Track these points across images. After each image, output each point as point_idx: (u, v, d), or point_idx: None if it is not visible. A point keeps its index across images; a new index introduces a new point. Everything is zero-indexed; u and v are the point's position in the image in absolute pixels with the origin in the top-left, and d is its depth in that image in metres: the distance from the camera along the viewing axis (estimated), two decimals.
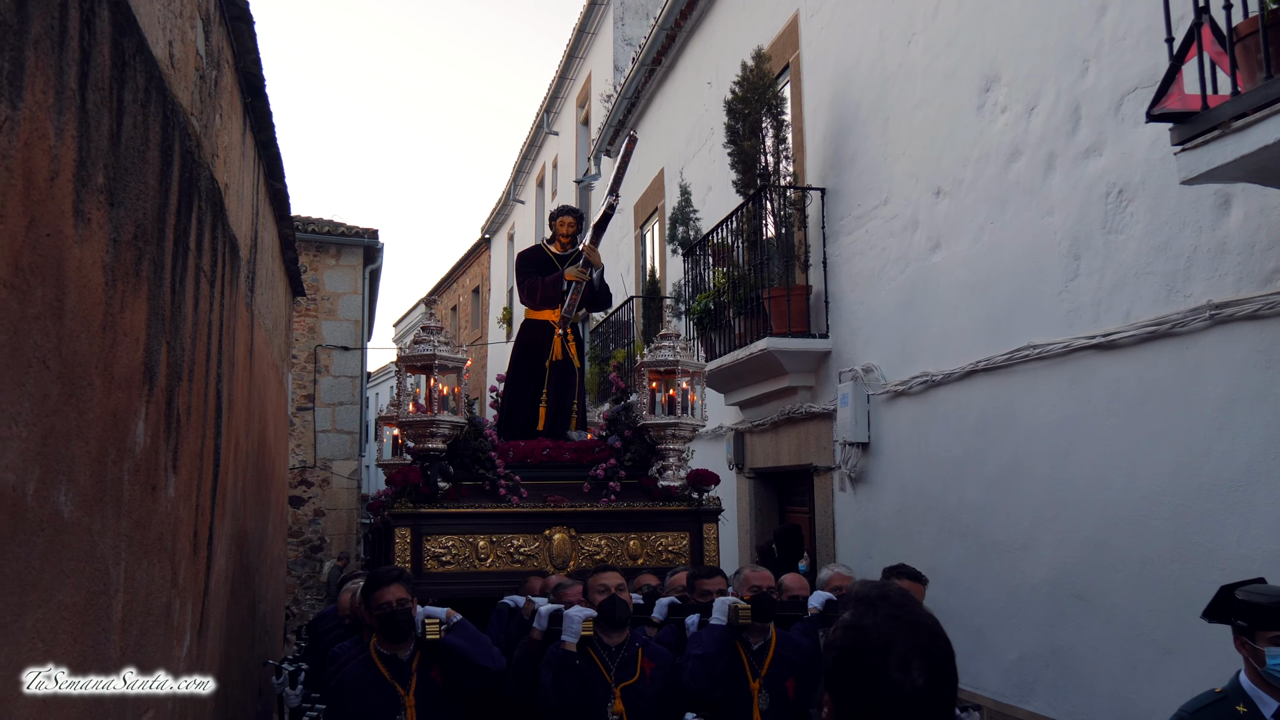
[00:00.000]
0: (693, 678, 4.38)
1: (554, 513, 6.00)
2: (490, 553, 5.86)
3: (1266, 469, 4.02)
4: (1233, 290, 4.19)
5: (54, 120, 2.06)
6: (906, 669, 1.50)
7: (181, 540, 3.66)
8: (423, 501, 5.75)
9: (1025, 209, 5.56)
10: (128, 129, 2.61)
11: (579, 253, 7.12)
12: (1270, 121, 3.35)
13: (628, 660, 4.45)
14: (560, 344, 7.04)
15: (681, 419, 6.22)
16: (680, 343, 6.39)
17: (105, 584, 2.59)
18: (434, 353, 5.73)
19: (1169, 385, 4.52)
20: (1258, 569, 4.04)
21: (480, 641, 4.33)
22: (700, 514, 6.22)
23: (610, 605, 4.45)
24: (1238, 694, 3.15)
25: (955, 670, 1.54)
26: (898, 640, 1.52)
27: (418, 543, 5.73)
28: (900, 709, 1.50)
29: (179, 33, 3.90)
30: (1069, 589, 5.11)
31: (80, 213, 2.25)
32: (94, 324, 2.38)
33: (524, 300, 7.22)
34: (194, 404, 3.79)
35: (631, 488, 6.28)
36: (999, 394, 5.76)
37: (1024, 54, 5.60)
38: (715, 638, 4.41)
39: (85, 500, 2.37)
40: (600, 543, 6.06)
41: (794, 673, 4.57)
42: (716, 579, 4.99)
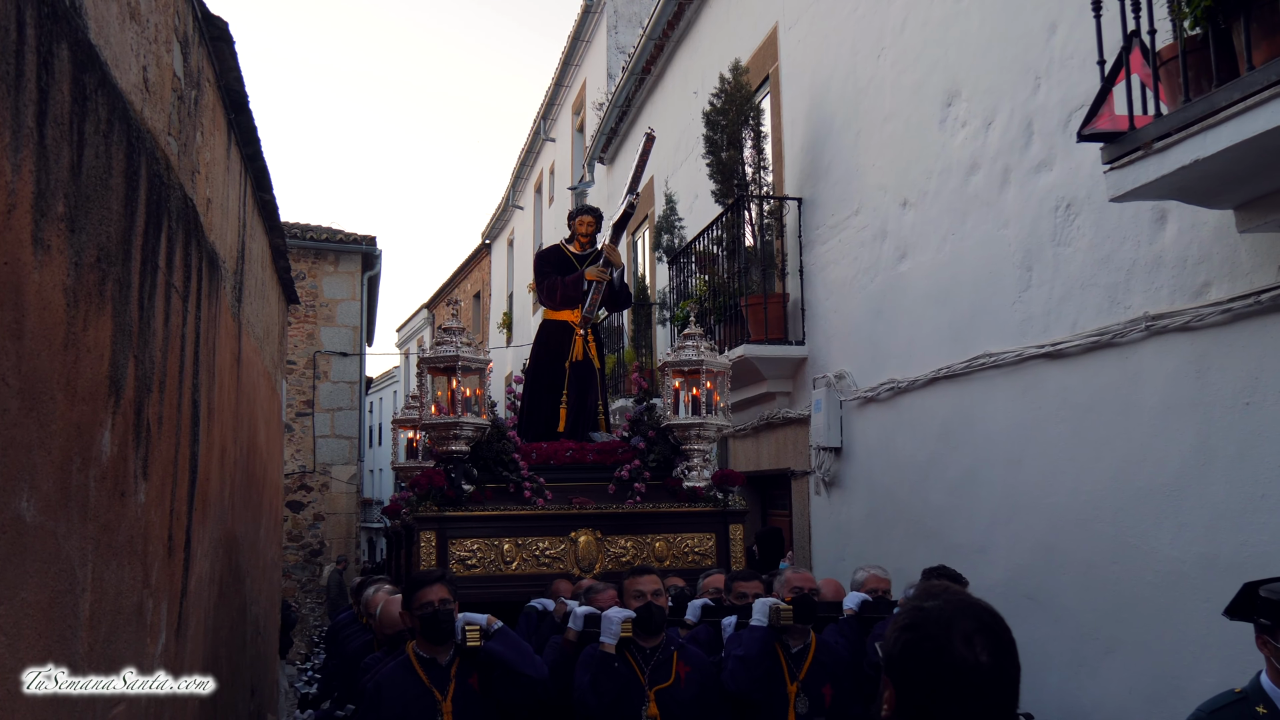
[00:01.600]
0: (733, 678, 4.35)
1: (579, 515, 5.96)
2: (515, 556, 5.84)
3: (1196, 475, 4.18)
4: (1167, 302, 4.36)
5: (10, 158, 2.24)
6: (970, 644, 1.49)
7: (154, 543, 3.83)
8: (447, 505, 5.72)
9: (983, 221, 5.73)
10: (89, 159, 2.79)
11: (598, 252, 7.10)
12: (1188, 143, 3.51)
13: (663, 663, 4.42)
14: (581, 344, 7.01)
15: (706, 419, 6.17)
16: (705, 343, 6.32)
17: (71, 583, 2.76)
18: (457, 354, 5.69)
19: (1111, 394, 4.69)
20: (1189, 571, 4.21)
21: (523, 649, 4.26)
22: (726, 515, 6.19)
23: (647, 612, 4.41)
24: (1258, 694, 3.06)
25: (1018, 658, 1.52)
26: (959, 618, 1.52)
27: (443, 546, 5.70)
28: (964, 685, 1.48)
29: (154, 58, 4.08)
30: (1021, 590, 5.27)
31: (39, 240, 2.42)
32: (55, 342, 2.56)
33: (543, 300, 7.19)
34: (166, 414, 3.96)
35: (656, 489, 6.25)
36: (959, 401, 5.93)
37: (982, 70, 5.77)
38: (757, 639, 4.37)
39: (48, 505, 2.55)
40: (626, 545, 6.03)
41: (831, 679, 4.55)
42: (754, 582, 4.98)
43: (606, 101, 14.98)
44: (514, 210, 23.99)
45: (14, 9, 2.26)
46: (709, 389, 6.20)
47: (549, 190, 20.87)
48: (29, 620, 2.44)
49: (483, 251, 27.33)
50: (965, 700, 1.49)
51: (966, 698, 1.48)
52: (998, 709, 1.51)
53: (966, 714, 1.49)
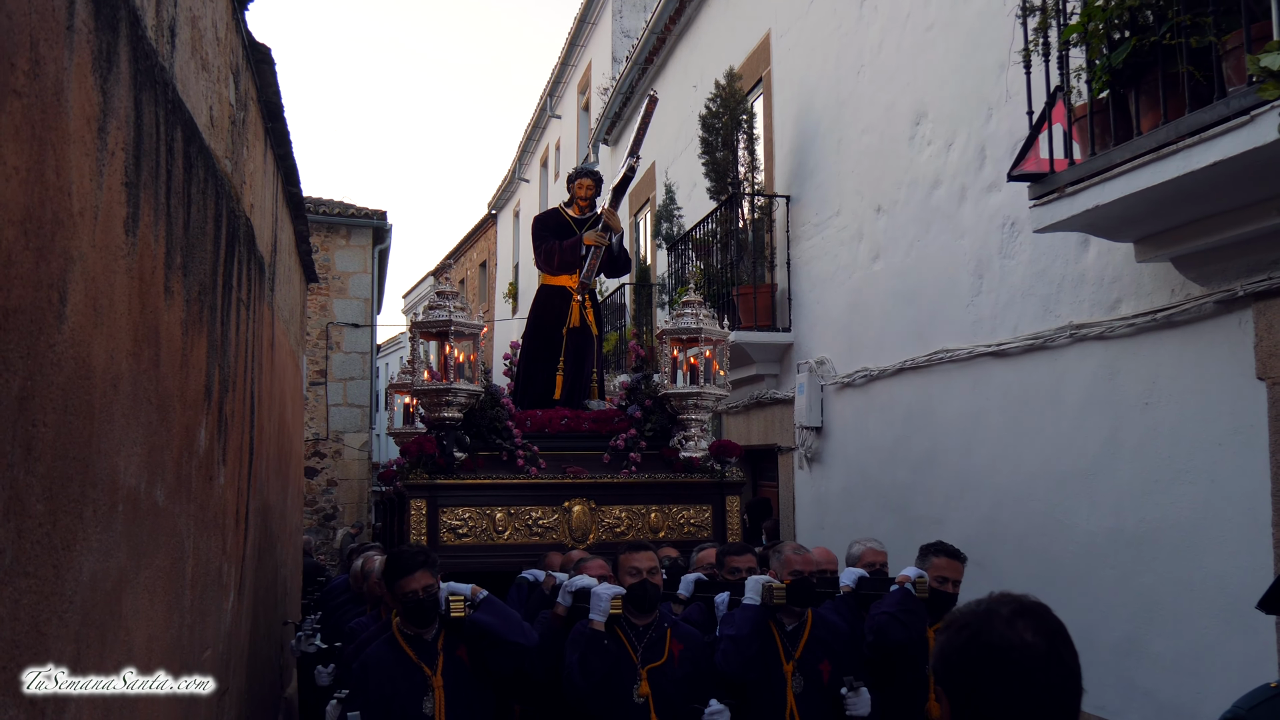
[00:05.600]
0: (725, 659, 4.25)
1: (573, 484, 5.85)
2: (508, 525, 5.74)
3: (1107, 462, 4.92)
4: (1088, 314, 5.07)
5: (153, 230, 2.96)
6: (1011, 625, 1.44)
7: (228, 517, 4.59)
8: (438, 472, 5.62)
9: (943, 232, 6.42)
10: (195, 216, 3.51)
11: (597, 216, 6.91)
12: (1091, 190, 4.20)
13: (656, 641, 4.32)
14: (578, 310, 6.86)
15: (704, 388, 5.95)
16: (704, 310, 6.10)
17: (182, 552, 3.51)
18: (449, 319, 5.55)
19: (1042, 390, 5.42)
20: (1100, 543, 4.96)
21: (510, 617, 4.18)
22: (723, 486, 6.08)
23: (640, 590, 4.30)
24: None
25: (1072, 643, 1.47)
26: (999, 606, 1.49)
27: (433, 515, 5.61)
28: (1011, 668, 1.41)
29: (217, 96, 4.77)
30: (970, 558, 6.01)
31: (168, 289, 3.15)
32: (175, 365, 3.29)
33: (540, 265, 7.03)
34: (236, 408, 4.71)
35: (652, 459, 6.11)
36: (921, 390, 6.66)
37: (946, 97, 6.44)
38: (749, 618, 4.26)
39: (170, 492, 3.29)
40: (620, 515, 5.92)
41: (829, 655, 4.45)
42: (747, 556, 4.90)
43: (611, 87, 15.59)
44: (520, 182, 24.55)
45: (153, 113, 2.96)
46: (708, 358, 6.01)
47: (554, 165, 21.46)
48: (160, 581, 3.19)
49: (489, 222, 27.89)
50: (1011, 682, 1.41)
51: (1012, 679, 1.40)
52: (1055, 696, 1.43)
53: (1018, 701, 1.41)
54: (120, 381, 2.60)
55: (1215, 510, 4.29)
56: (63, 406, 2.13)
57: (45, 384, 2.01)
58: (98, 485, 2.42)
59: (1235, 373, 4.16)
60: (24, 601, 1.91)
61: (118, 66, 2.51)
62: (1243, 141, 3.42)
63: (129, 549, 2.74)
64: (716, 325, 6.15)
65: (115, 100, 2.48)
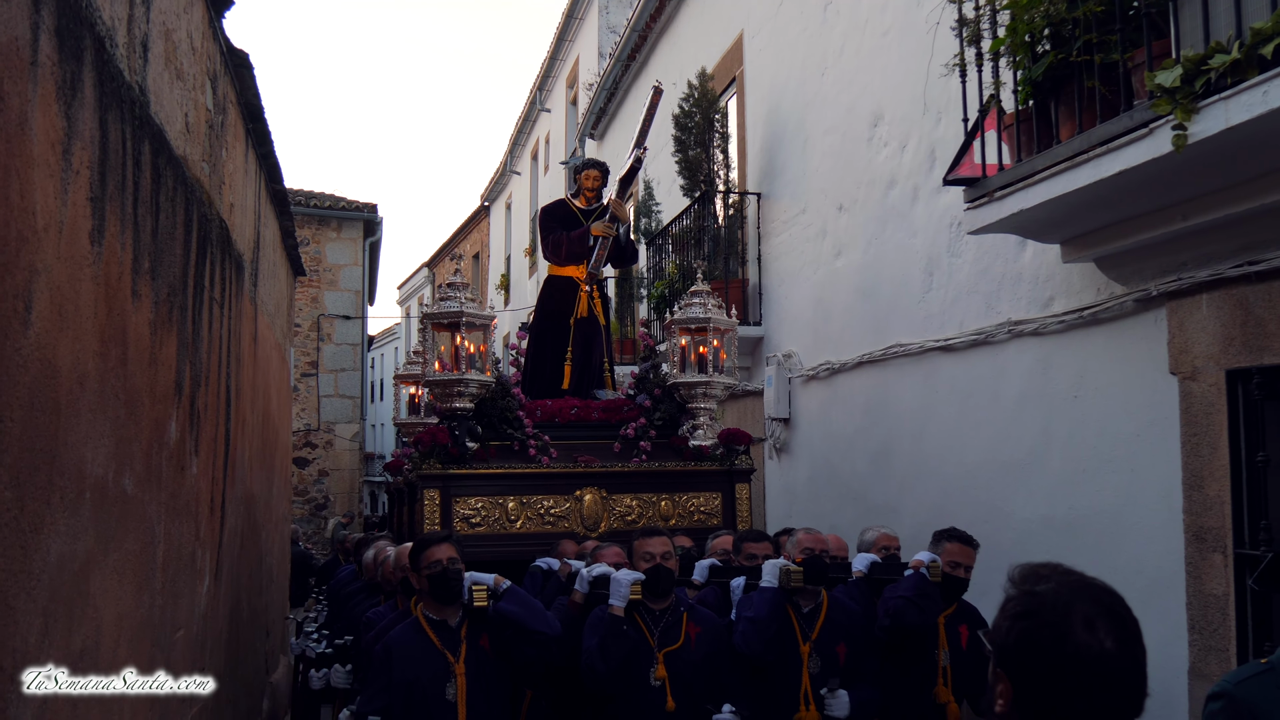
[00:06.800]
0: (744, 640, 4.33)
1: (584, 473, 5.93)
2: (520, 514, 5.81)
3: (1041, 452, 5.17)
4: (1025, 311, 5.32)
5: (119, 239, 3.19)
6: (1092, 629, 1.39)
7: (201, 505, 4.83)
8: (451, 462, 5.67)
9: (898, 230, 6.66)
10: (163, 223, 3.74)
11: (604, 207, 7.05)
12: (1017, 195, 4.44)
13: (672, 625, 4.40)
14: (586, 300, 6.95)
15: (713, 378, 6.05)
16: (713, 300, 6.17)
17: (152, 537, 3.75)
18: (461, 309, 5.63)
19: (985, 383, 5.66)
20: (1035, 529, 5.21)
21: (534, 607, 4.22)
22: (733, 474, 6.15)
23: (655, 575, 4.35)
24: None
25: (1143, 639, 1.43)
26: (1078, 601, 1.42)
27: (447, 504, 5.68)
28: (1089, 676, 1.37)
29: (193, 103, 4.98)
30: (921, 544, 6.25)
31: (135, 292, 3.38)
32: (144, 363, 3.52)
33: (548, 256, 7.12)
34: (210, 401, 4.95)
35: (662, 447, 6.17)
36: (877, 383, 6.91)
37: (900, 100, 6.67)
38: (767, 600, 4.35)
39: (140, 481, 3.52)
40: (631, 504, 5.99)
41: (845, 637, 4.56)
42: (764, 543, 4.99)
43: (596, 82, 15.81)
44: (512, 175, 24.74)
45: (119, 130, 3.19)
46: (716, 347, 6.11)
47: (544, 158, 21.66)
48: (130, 564, 3.43)
49: (481, 214, 28.08)
50: (1092, 693, 1.38)
51: (1093, 690, 1.37)
52: (1126, 701, 1.40)
53: (1094, 708, 1.38)
54: (87, 380, 2.84)
55: (1135, 498, 4.54)
56: (29, 404, 2.36)
57: (11, 384, 2.25)
58: (65, 474, 2.66)
59: (1152, 368, 4.41)
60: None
61: (82, 92, 2.74)
62: (1144, 152, 3.66)
63: (97, 533, 2.98)
64: (724, 315, 6.27)
65: (80, 124, 2.72)
